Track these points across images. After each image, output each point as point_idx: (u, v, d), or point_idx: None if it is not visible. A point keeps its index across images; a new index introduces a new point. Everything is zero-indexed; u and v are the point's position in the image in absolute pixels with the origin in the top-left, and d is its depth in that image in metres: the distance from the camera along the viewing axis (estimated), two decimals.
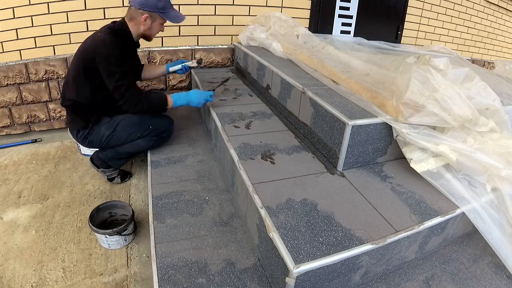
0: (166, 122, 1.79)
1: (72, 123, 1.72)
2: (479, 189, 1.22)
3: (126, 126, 1.69)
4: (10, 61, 2.14)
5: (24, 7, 2.03)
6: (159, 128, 1.75)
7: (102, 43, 1.53)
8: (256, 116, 1.79)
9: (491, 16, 4.08)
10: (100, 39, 1.55)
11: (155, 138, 1.75)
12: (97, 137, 1.69)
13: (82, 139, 1.72)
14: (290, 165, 1.33)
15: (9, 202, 1.71)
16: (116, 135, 1.69)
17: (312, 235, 0.97)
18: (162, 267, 1.08)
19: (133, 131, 1.69)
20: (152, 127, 1.71)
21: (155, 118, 1.75)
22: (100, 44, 1.53)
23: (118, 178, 1.90)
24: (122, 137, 1.70)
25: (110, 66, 1.53)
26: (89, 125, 1.67)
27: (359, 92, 1.52)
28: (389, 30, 3.37)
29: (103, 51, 1.52)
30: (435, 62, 1.40)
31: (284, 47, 2.23)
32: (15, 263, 1.36)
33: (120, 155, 1.79)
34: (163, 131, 1.77)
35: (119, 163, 1.85)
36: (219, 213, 1.35)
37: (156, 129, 1.74)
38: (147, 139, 1.73)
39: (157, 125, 1.74)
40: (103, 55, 1.51)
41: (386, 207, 1.12)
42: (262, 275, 1.07)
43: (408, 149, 1.30)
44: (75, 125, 1.70)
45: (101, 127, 1.68)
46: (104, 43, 1.53)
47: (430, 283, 1.06)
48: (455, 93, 1.24)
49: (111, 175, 1.88)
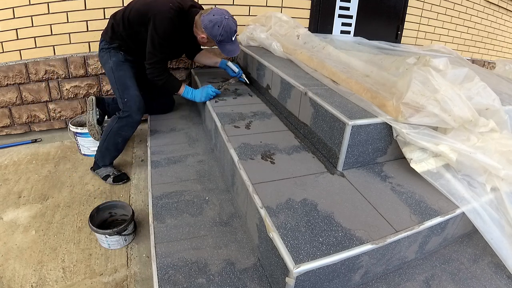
0: (135, 108, 1.78)
1: (104, 32, 1.87)
2: (478, 189, 1.22)
3: (120, 79, 1.81)
4: (10, 61, 2.14)
5: (24, 7, 2.03)
6: (128, 107, 1.78)
7: (162, 20, 1.67)
8: (256, 116, 1.79)
9: (491, 16, 4.08)
10: (165, 18, 1.67)
11: (117, 119, 1.79)
12: (107, 61, 1.83)
13: (100, 50, 1.88)
14: (290, 165, 1.33)
15: (9, 202, 1.71)
16: (113, 75, 1.81)
17: (312, 235, 0.97)
18: (162, 267, 1.08)
19: (117, 87, 1.81)
20: (127, 100, 1.78)
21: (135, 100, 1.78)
22: (161, 19, 1.67)
23: (110, 178, 1.88)
24: (112, 82, 1.84)
25: (157, 39, 1.70)
26: (112, 45, 1.82)
27: (359, 92, 1.52)
28: (389, 30, 3.37)
29: (158, 26, 1.67)
30: (434, 63, 1.40)
31: (284, 47, 2.23)
32: (15, 263, 1.36)
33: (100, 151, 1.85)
34: (128, 115, 1.78)
35: (103, 160, 1.88)
36: (219, 213, 1.35)
37: (126, 105, 1.78)
38: (114, 119, 1.81)
39: (129, 103, 1.78)
40: (156, 29, 1.68)
41: (386, 207, 1.12)
42: (262, 275, 1.07)
43: (408, 149, 1.30)
44: (104, 36, 1.86)
45: (113, 57, 1.82)
46: (162, 21, 1.67)
47: (430, 283, 1.06)
48: (455, 94, 1.24)
49: (102, 174, 1.90)
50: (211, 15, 1.71)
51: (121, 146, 1.87)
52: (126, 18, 1.76)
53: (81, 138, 2.14)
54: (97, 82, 2.37)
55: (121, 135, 1.81)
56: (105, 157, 1.87)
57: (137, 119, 1.81)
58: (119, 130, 1.80)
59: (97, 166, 1.91)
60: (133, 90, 1.80)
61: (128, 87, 1.80)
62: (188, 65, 2.62)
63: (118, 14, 1.82)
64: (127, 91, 1.79)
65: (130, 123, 1.80)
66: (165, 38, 1.72)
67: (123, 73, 1.82)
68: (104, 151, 1.85)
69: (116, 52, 1.83)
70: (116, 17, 1.81)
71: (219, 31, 1.71)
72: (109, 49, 1.83)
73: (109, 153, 1.87)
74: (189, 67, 2.63)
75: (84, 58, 2.27)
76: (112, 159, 1.92)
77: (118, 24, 1.79)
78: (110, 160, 1.91)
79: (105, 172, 1.89)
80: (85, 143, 2.15)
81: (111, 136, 1.80)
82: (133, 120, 1.80)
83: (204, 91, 1.94)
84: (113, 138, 1.81)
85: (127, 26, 1.77)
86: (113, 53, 1.83)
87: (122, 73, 1.82)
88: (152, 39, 1.71)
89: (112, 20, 1.83)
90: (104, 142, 1.83)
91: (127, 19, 1.76)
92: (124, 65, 1.84)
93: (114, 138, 1.81)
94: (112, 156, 1.90)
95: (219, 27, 1.71)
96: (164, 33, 1.70)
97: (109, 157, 1.89)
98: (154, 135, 1.97)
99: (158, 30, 1.68)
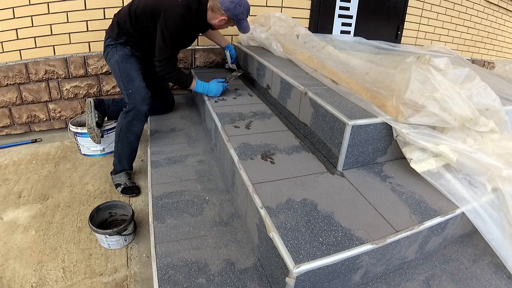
0: (140, 98, 1.74)
1: (109, 29, 1.85)
2: (479, 189, 1.22)
3: (125, 70, 1.78)
4: (10, 61, 2.14)
5: (24, 7, 2.03)
6: (133, 98, 1.74)
7: (172, 16, 1.66)
8: (256, 116, 1.79)
9: (491, 16, 4.08)
10: (176, 13, 1.66)
11: (124, 115, 1.75)
12: (112, 56, 1.81)
13: (106, 46, 1.85)
14: (290, 165, 1.33)
15: (9, 202, 1.71)
16: (118, 67, 1.79)
17: (312, 235, 0.97)
18: (162, 267, 1.08)
19: (122, 80, 1.78)
20: (131, 91, 1.75)
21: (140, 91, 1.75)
22: (171, 15, 1.66)
23: (120, 187, 1.80)
24: (117, 75, 1.80)
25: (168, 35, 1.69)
26: (117, 40, 1.80)
27: (359, 92, 1.52)
28: (389, 30, 3.37)
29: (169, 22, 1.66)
30: (435, 62, 1.40)
31: (284, 47, 2.23)
32: (15, 263, 1.36)
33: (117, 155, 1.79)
34: (133, 107, 1.73)
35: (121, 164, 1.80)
36: (219, 213, 1.35)
37: (130, 97, 1.75)
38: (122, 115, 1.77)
39: (134, 94, 1.74)
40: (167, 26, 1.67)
41: (386, 207, 1.12)
42: (262, 275, 1.07)
43: (408, 149, 1.30)
44: (110, 33, 1.83)
45: (120, 51, 1.80)
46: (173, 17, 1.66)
47: (430, 283, 1.06)
48: (455, 92, 1.24)
49: (115, 181, 1.83)
50: None
51: (135, 144, 1.80)
52: (133, 13, 1.73)
53: (81, 138, 2.14)
54: (97, 82, 2.37)
55: (132, 131, 1.75)
56: (122, 160, 1.80)
57: (143, 110, 1.74)
58: (128, 126, 1.74)
59: (115, 172, 1.83)
60: (138, 82, 1.77)
61: (133, 78, 1.77)
62: (188, 65, 2.62)
63: (122, 10, 1.80)
64: (132, 83, 1.76)
65: (137, 116, 1.74)
66: (176, 34, 1.71)
67: (128, 65, 1.79)
68: (120, 153, 1.79)
69: (123, 46, 1.81)
70: (121, 14, 1.79)
71: (241, 9, 1.77)
72: (116, 44, 1.81)
73: (125, 154, 1.79)
74: (189, 67, 2.63)
75: (84, 58, 2.27)
76: (130, 160, 1.83)
77: (125, 20, 1.76)
78: (128, 163, 1.83)
79: (118, 180, 1.81)
80: (85, 143, 2.15)
81: (123, 135, 1.75)
82: (139, 112, 1.74)
83: (219, 86, 1.98)
84: (125, 137, 1.75)
85: (134, 22, 1.75)
86: (120, 48, 1.81)
87: (128, 65, 1.79)
88: (163, 35, 1.69)
89: (116, 17, 1.81)
90: (117, 144, 1.77)
91: (134, 15, 1.73)
92: (130, 59, 1.81)
93: (126, 136, 1.75)
94: (129, 158, 1.82)
95: (240, 6, 1.76)
96: (175, 29, 1.69)
97: (127, 159, 1.81)
98: (154, 135, 1.97)
99: (169, 26, 1.67)
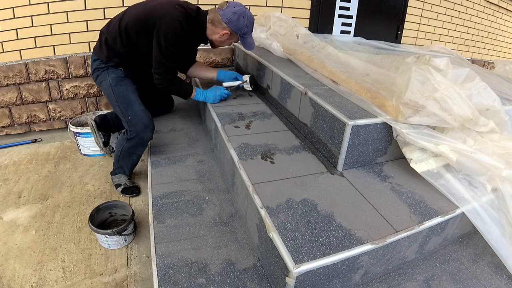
0: (142, 126, 1.62)
1: (97, 49, 1.69)
2: (479, 189, 1.22)
3: (121, 95, 1.64)
4: (10, 61, 2.14)
5: (24, 7, 2.03)
6: (133, 126, 1.62)
7: (170, 24, 1.51)
8: (256, 116, 1.79)
9: (491, 16, 4.08)
10: (173, 20, 1.51)
11: (126, 140, 1.66)
12: (105, 79, 1.67)
13: (94, 69, 1.70)
14: (290, 165, 1.33)
15: (9, 202, 1.71)
16: (113, 91, 1.65)
17: (312, 235, 0.97)
18: (162, 267, 1.08)
19: (119, 105, 1.64)
20: (131, 118, 1.62)
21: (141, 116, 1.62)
22: (169, 22, 1.51)
23: (120, 188, 1.79)
24: (112, 100, 1.67)
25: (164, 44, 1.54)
26: (108, 63, 1.66)
27: (359, 92, 1.52)
28: (389, 30, 3.37)
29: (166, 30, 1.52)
30: (435, 62, 1.40)
31: (284, 47, 2.23)
32: (15, 263, 1.36)
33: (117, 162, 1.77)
34: (135, 135, 1.63)
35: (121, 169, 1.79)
36: (219, 213, 1.35)
37: (131, 124, 1.62)
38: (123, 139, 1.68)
39: (134, 120, 1.61)
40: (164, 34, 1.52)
41: (386, 207, 1.12)
42: (262, 275, 1.07)
43: (408, 149, 1.30)
44: (99, 54, 1.67)
45: (112, 74, 1.66)
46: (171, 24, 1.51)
47: (430, 283, 1.06)
48: (455, 93, 1.24)
49: (115, 182, 1.82)
50: (232, 7, 1.57)
51: (137, 159, 1.77)
52: (123, 30, 1.58)
53: (81, 138, 2.14)
54: None
55: (134, 153, 1.72)
56: (122, 167, 1.79)
57: (147, 137, 1.64)
58: (130, 149, 1.69)
59: (114, 172, 1.82)
60: (137, 105, 1.63)
61: (131, 102, 1.63)
62: None
63: (111, 27, 1.63)
64: (130, 108, 1.62)
65: (139, 143, 1.66)
66: (174, 43, 1.56)
67: (124, 88, 1.65)
68: (120, 163, 1.77)
69: (114, 69, 1.68)
70: (110, 30, 1.62)
71: (245, 22, 1.59)
72: (106, 67, 1.67)
73: (127, 166, 1.78)
74: None
75: (84, 58, 2.27)
76: (131, 169, 1.82)
77: (114, 37, 1.60)
78: (129, 171, 1.81)
79: (118, 180, 1.80)
80: (85, 143, 2.15)
81: (124, 154, 1.72)
82: (143, 141, 1.65)
83: (216, 91, 1.88)
84: (126, 155, 1.72)
85: (125, 39, 1.59)
86: (112, 70, 1.67)
87: (124, 88, 1.65)
88: (159, 46, 1.54)
89: (105, 35, 1.64)
90: (118, 158, 1.74)
91: (125, 31, 1.58)
92: (125, 80, 1.68)
93: (128, 155, 1.72)
94: (130, 167, 1.80)
95: (244, 17, 1.59)
96: (173, 37, 1.54)
97: (128, 168, 1.79)
98: (154, 135, 1.96)
99: (165, 35, 1.52)
